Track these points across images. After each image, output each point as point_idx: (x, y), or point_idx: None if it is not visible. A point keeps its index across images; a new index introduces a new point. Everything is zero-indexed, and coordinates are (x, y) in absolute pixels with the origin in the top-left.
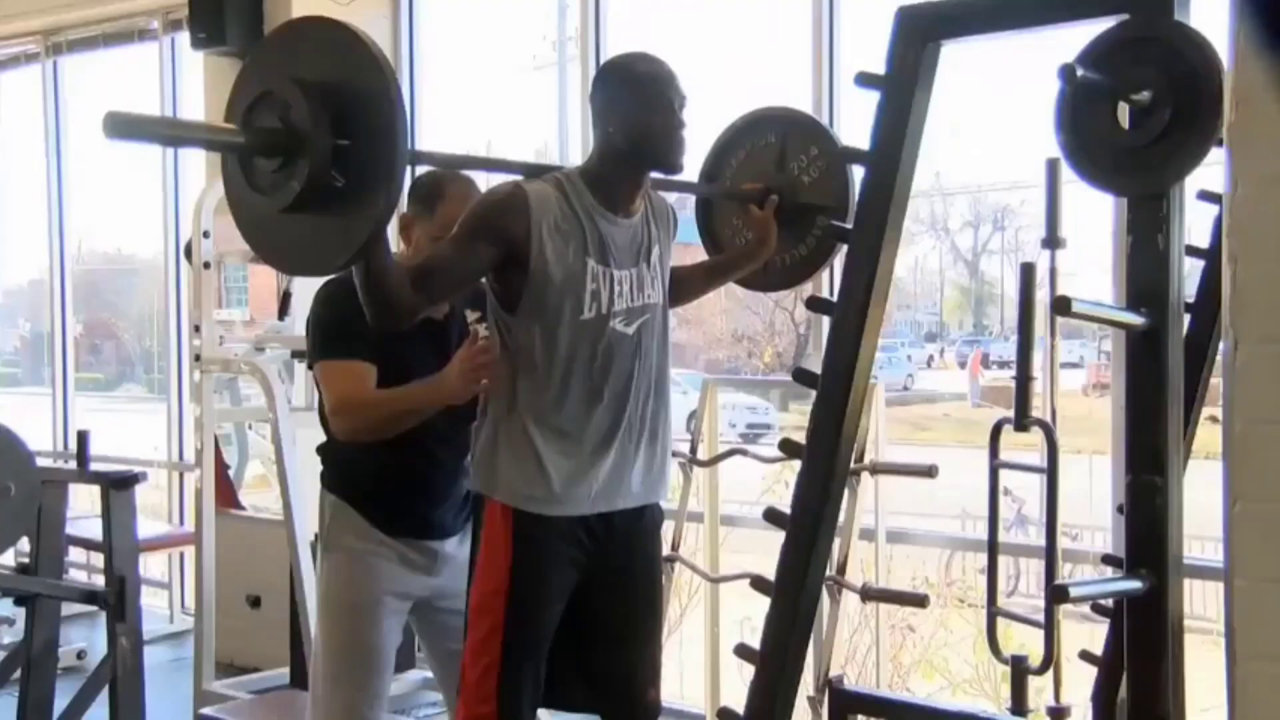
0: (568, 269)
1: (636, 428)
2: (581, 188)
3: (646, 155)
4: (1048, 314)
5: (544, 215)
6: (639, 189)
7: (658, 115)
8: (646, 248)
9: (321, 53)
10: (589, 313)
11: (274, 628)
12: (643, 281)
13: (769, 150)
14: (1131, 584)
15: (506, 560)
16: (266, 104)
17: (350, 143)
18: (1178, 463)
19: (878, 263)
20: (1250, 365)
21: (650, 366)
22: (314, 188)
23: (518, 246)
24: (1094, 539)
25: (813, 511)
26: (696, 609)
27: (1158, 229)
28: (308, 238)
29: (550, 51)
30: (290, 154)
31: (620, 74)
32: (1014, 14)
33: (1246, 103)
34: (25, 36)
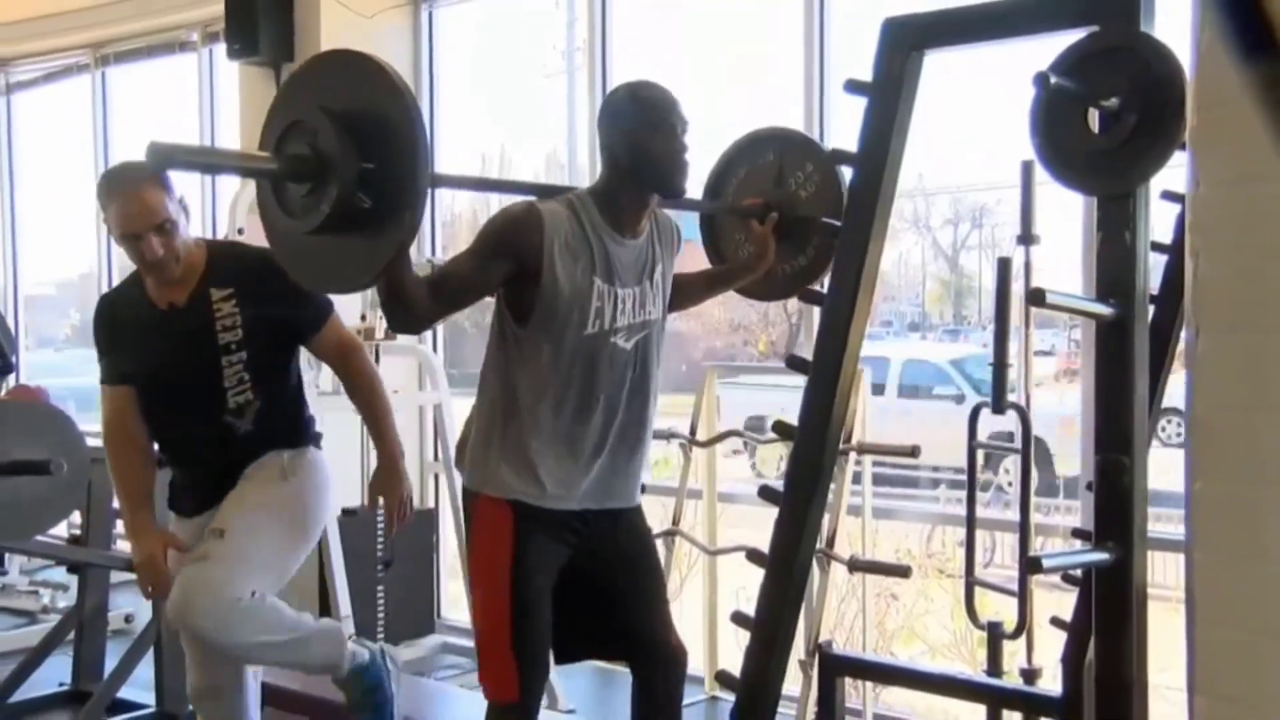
0: (575, 286)
1: (629, 436)
2: (592, 209)
3: (650, 178)
4: (1023, 305)
5: (556, 234)
6: (645, 210)
7: (660, 139)
8: (650, 266)
9: (347, 83)
10: (592, 328)
11: (303, 593)
12: (644, 299)
13: (768, 167)
14: (1099, 555)
15: (508, 536)
16: (297, 132)
17: (375, 167)
18: (1143, 443)
19: (865, 257)
20: (1211, 353)
21: (644, 378)
22: (341, 210)
23: (531, 262)
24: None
25: (804, 489)
26: (695, 579)
27: (1125, 226)
28: (336, 257)
29: (560, 61)
30: (319, 179)
31: (625, 100)
32: (991, 25)
33: (1208, 109)
34: (76, 49)
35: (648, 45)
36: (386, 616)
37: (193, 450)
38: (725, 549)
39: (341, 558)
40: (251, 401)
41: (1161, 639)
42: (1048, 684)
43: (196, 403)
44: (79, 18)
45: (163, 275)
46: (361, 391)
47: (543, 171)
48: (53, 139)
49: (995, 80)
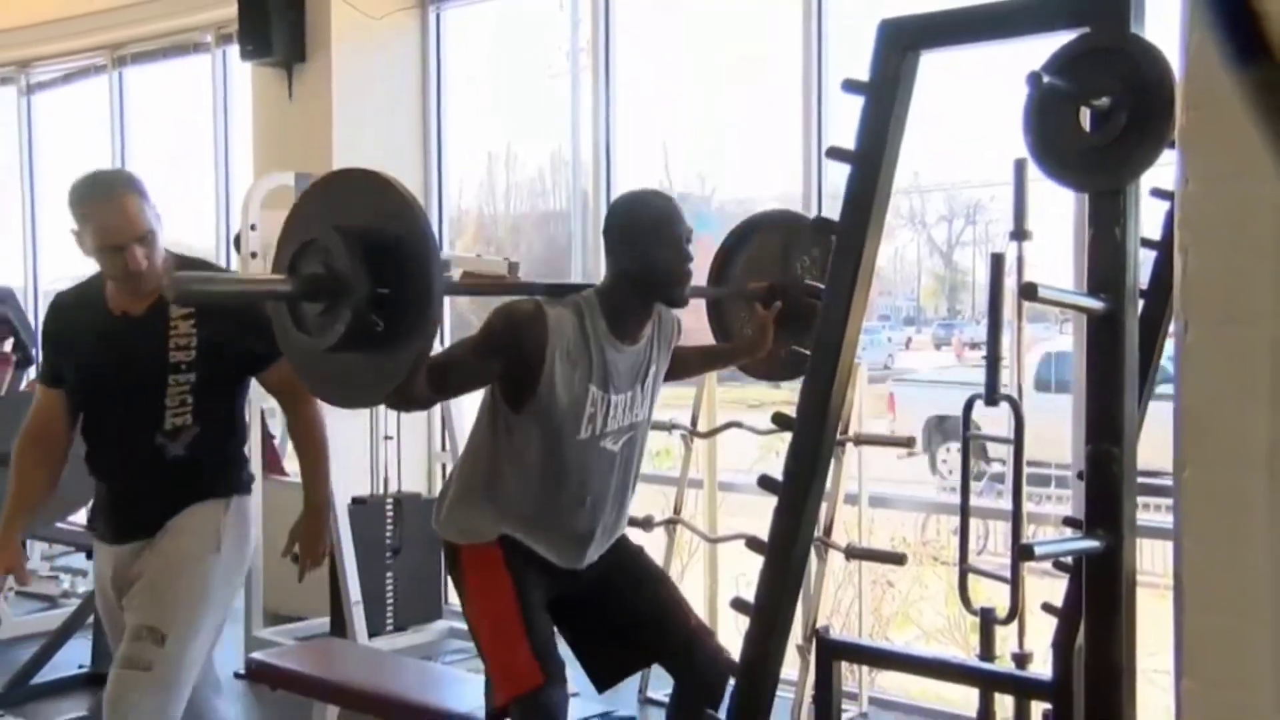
0: (572, 394)
1: (609, 526)
2: (597, 315)
3: (655, 289)
4: (1015, 300)
5: (559, 341)
6: (648, 319)
7: (666, 252)
8: (645, 370)
9: (359, 201)
10: (584, 433)
11: (315, 582)
12: (635, 402)
13: (776, 250)
14: (1090, 543)
15: (501, 564)
16: (311, 251)
17: (388, 289)
18: (1133, 433)
19: (862, 253)
20: (1199, 345)
21: (629, 473)
22: (356, 330)
23: (531, 364)
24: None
25: (802, 478)
26: (696, 566)
27: (1116, 222)
28: (352, 374)
29: (565, 61)
30: (333, 299)
31: (632, 212)
32: (986, 26)
33: (1197, 108)
34: (94, 50)
35: (649, 46)
36: (395, 602)
37: (120, 466)
38: (725, 537)
39: (351, 546)
40: (189, 425)
41: (1150, 625)
42: (1039, 668)
43: (133, 417)
44: (97, 20)
45: (140, 287)
46: (310, 435)
47: (547, 168)
48: (71, 138)
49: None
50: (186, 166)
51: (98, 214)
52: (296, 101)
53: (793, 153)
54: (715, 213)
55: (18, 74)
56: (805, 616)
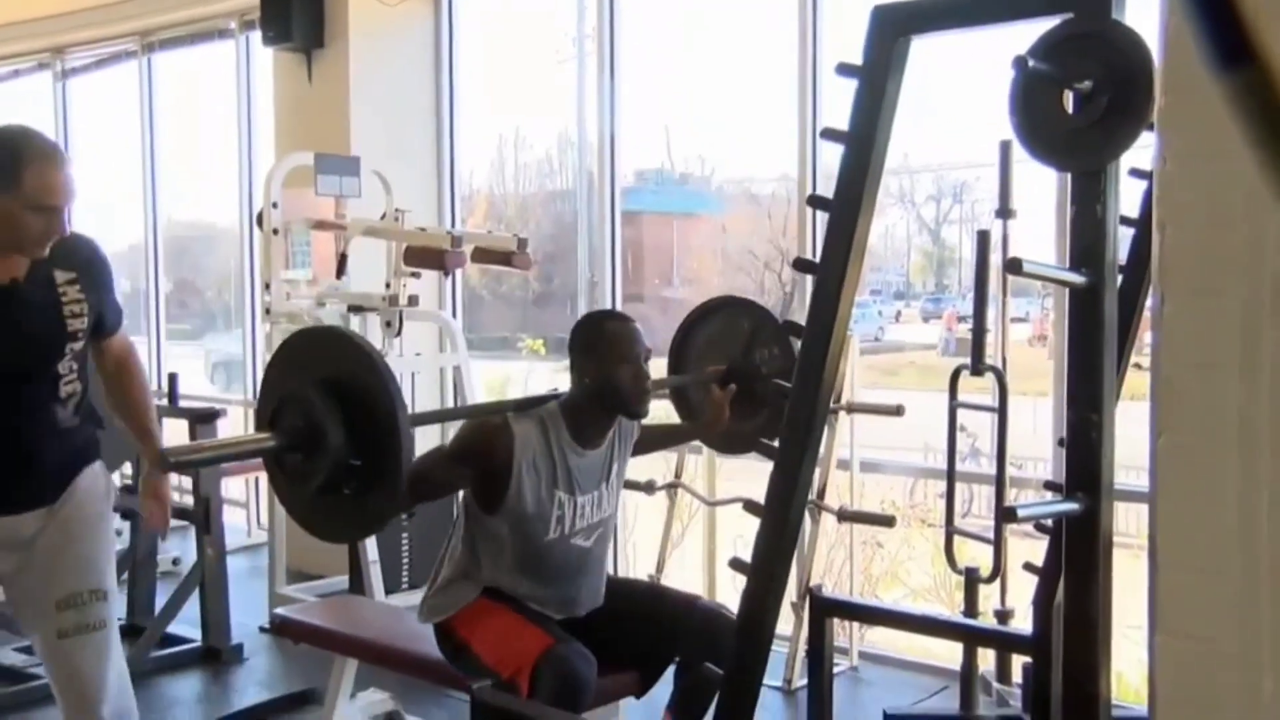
0: (539, 500)
1: (585, 603)
2: (560, 426)
3: (615, 404)
4: (1000, 275)
5: (525, 454)
6: (610, 426)
7: (624, 370)
8: (608, 470)
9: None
10: (554, 534)
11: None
12: (601, 500)
13: (739, 335)
14: (1070, 506)
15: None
16: (288, 405)
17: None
18: (1111, 401)
19: (854, 230)
20: (1176, 316)
21: (599, 563)
22: (336, 473)
23: (499, 475)
24: (1036, 468)
25: (797, 444)
26: (696, 528)
27: (1097, 200)
28: (339, 513)
29: (571, 47)
30: (313, 447)
31: (593, 332)
32: (974, 12)
33: (1174, 91)
34: (125, 37)
35: (652, 33)
36: (410, 562)
37: (16, 436)
38: (723, 500)
39: None
40: (76, 392)
41: (1125, 582)
42: (1020, 624)
43: (32, 388)
44: (128, 8)
45: (42, 251)
46: (139, 385)
47: (554, 150)
48: (103, 121)
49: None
50: (211, 147)
51: (46, 172)
52: (315, 85)
53: (789, 134)
54: (714, 192)
55: (53, 60)
56: (799, 575)
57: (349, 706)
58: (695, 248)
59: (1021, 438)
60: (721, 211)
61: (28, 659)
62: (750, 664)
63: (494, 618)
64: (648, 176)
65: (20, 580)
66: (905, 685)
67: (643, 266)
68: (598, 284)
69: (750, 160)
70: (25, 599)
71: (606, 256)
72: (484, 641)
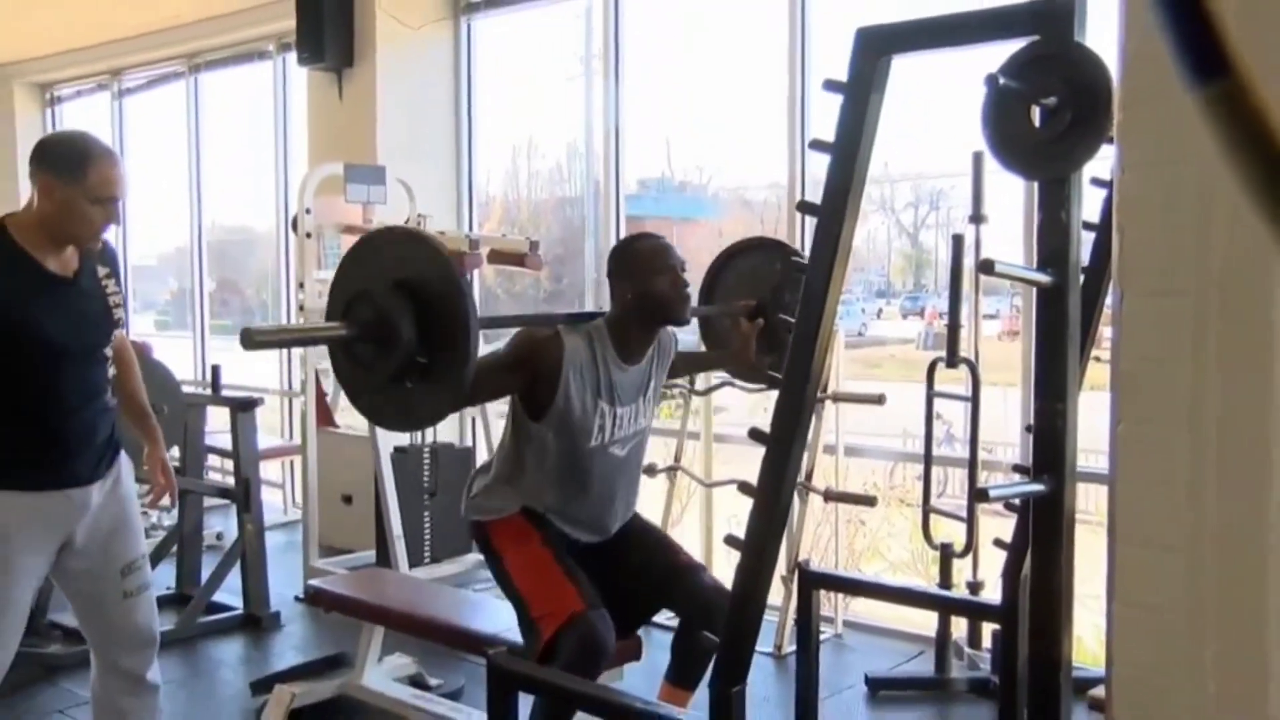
0: (584, 408)
1: (621, 513)
2: (606, 341)
3: (657, 314)
4: (973, 275)
5: (573, 363)
6: (651, 341)
7: (664, 279)
8: (646, 385)
9: (401, 254)
10: (594, 442)
11: (362, 519)
12: (638, 413)
13: (771, 275)
14: (1036, 487)
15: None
16: (362, 299)
17: (430, 329)
18: (1075, 391)
19: (840, 233)
20: (1133, 314)
21: (634, 473)
22: (404, 366)
23: (549, 382)
24: (1006, 452)
25: (787, 430)
26: (694, 508)
27: (1061, 206)
28: (407, 404)
29: (579, 66)
30: (383, 339)
31: (629, 251)
32: (949, 34)
33: (1131, 107)
34: (174, 60)
35: (653, 53)
36: (432, 538)
37: (74, 417)
38: (719, 482)
39: (394, 489)
40: (113, 376)
41: (1086, 556)
42: (990, 594)
43: (88, 372)
44: (177, 34)
45: (97, 241)
46: (137, 371)
47: (564, 159)
48: (154, 135)
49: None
50: (250, 158)
51: (105, 166)
52: (345, 101)
53: (779, 145)
54: (711, 199)
55: (111, 81)
56: (789, 551)
57: (376, 669)
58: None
59: (992, 424)
60: (718, 216)
61: None
62: (744, 632)
63: (531, 547)
64: (649, 184)
65: (86, 548)
66: (885, 651)
67: None
68: (603, 283)
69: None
70: (87, 565)
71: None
72: (521, 570)
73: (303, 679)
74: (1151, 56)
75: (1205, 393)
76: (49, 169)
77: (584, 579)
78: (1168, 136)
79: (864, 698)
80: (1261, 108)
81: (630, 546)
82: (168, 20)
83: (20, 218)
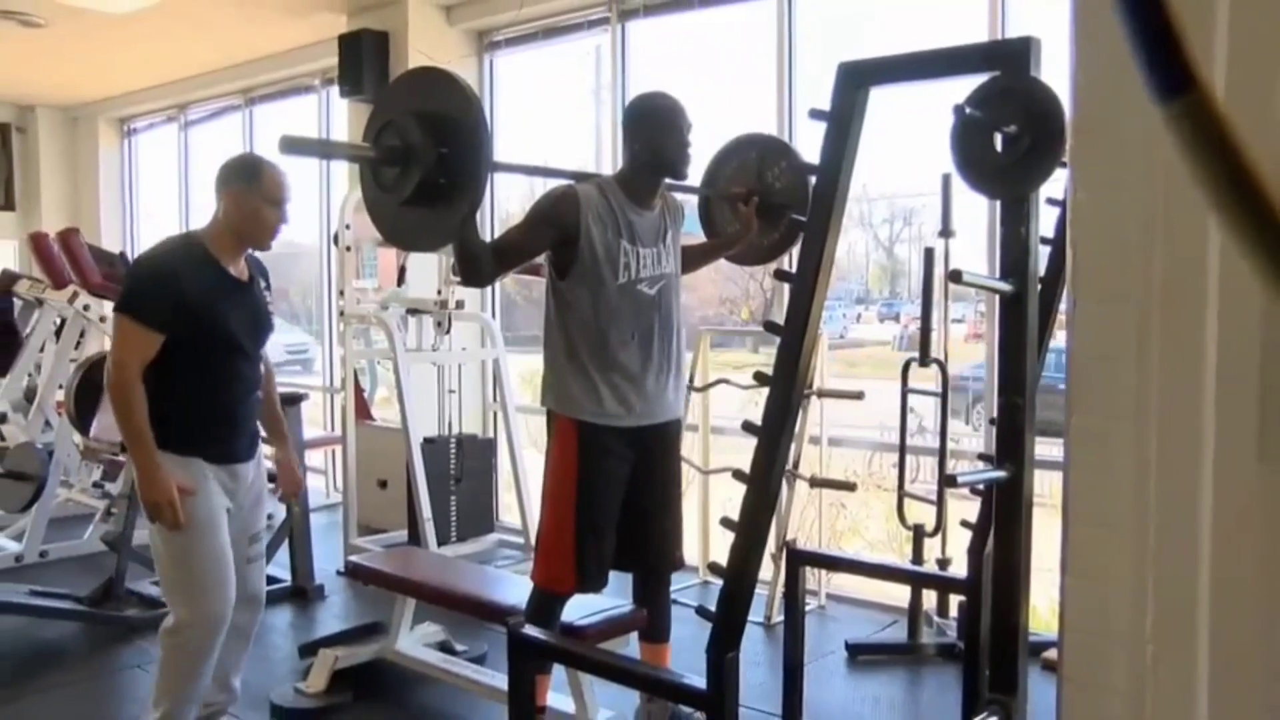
0: (607, 246)
1: (661, 363)
2: (615, 189)
3: (663, 166)
4: (943, 284)
5: (589, 208)
6: (657, 191)
7: (673, 136)
8: (664, 232)
9: (428, 91)
10: (622, 278)
11: (396, 502)
12: (661, 257)
13: (752, 162)
14: (999, 474)
15: (574, 459)
16: (390, 129)
17: (449, 152)
18: (1033, 387)
19: (824, 246)
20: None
21: (668, 317)
22: (424, 186)
23: (571, 230)
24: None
25: (777, 423)
26: (693, 493)
27: (1021, 223)
28: (421, 223)
29: (589, 96)
30: (406, 163)
31: (645, 106)
32: (921, 68)
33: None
34: (232, 94)
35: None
36: (458, 519)
37: (239, 404)
38: (716, 469)
39: (424, 475)
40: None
41: (1041, 535)
42: (957, 569)
43: (252, 367)
44: (234, 71)
45: (268, 244)
46: (275, 383)
47: None
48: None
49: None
50: (297, 180)
51: (277, 174)
52: None
53: None
54: None
55: (178, 114)
56: (777, 531)
57: (409, 636)
58: None
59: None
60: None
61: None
62: (737, 605)
63: (564, 495)
64: None
65: (236, 516)
66: (863, 620)
67: None
68: None
69: None
70: (234, 531)
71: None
72: (549, 502)
73: (344, 644)
74: (1100, 89)
75: (1148, 389)
76: (232, 181)
77: (596, 554)
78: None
79: (844, 662)
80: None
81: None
82: (227, 60)
83: (207, 230)
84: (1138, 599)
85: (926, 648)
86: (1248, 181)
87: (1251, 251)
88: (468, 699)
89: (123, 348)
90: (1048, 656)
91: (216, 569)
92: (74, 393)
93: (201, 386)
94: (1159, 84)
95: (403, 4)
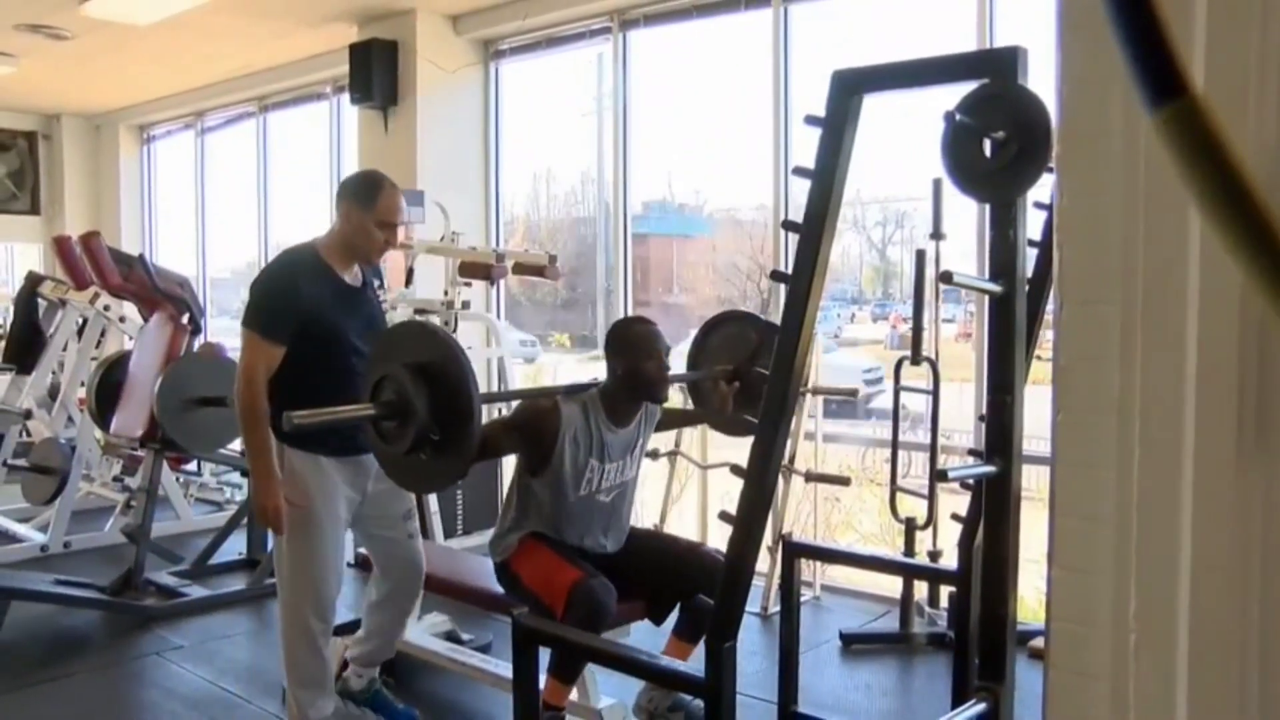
0: (577, 466)
1: (614, 541)
2: (599, 408)
3: (642, 390)
4: (934, 285)
5: (569, 430)
6: (638, 409)
7: (650, 365)
8: (634, 445)
9: (418, 346)
10: (584, 491)
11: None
12: (625, 467)
13: (749, 343)
14: (988, 468)
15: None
16: (387, 383)
17: (441, 406)
18: (1021, 385)
19: (819, 249)
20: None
21: (620, 520)
22: (420, 439)
23: (548, 446)
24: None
25: (773, 419)
26: (692, 487)
27: (1010, 226)
28: (423, 471)
29: (591, 103)
30: (404, 416)
31: (626, 334)
32: (913, 76)
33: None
34: (247, 102)
35: (655, 92)
36: (463, 514)
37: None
38: (714, 465)
39: None
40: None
41: (1029, 527)
42: (947, 561)
43: (360, 361)
44: (249, 80)
45: (375, 261)
46: None
47: (579, 185)
48: (230, 165)
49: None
50: (310, 183)
51: (390, 197)
52: (390, 135)
53: (766, 172)
54: (706, 218)
55: (195, 121)
56: (774, 524)
57: (417, 625)
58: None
59: (950, 414)
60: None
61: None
62: (735, 596)
63: (538, 555)
64: (653, 206)
65: (374, 500)
66: (857, 610)
67: (649, 278)
68: (612, 292)
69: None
70: (375, 514)
71: (620, 270)
72: (531, 575)
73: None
74: (1085, 98)
75: (1130, 386)
76: (350, 198)
77: (583, 562)
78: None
79: (838, 651)
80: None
81: (639, 549)
82: (242, 69)
83: (322, 240)
84: (1121, 588)
85: (918, 637)
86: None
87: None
88: (474, 687)
89: (250, 360)
90: (1035, 645)
91: (312, 566)
92: (95, 390)
93: (322, 386)
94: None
95: (411, 15)
